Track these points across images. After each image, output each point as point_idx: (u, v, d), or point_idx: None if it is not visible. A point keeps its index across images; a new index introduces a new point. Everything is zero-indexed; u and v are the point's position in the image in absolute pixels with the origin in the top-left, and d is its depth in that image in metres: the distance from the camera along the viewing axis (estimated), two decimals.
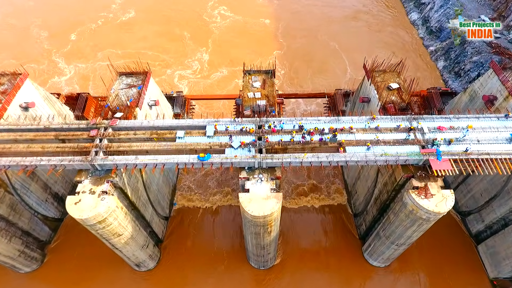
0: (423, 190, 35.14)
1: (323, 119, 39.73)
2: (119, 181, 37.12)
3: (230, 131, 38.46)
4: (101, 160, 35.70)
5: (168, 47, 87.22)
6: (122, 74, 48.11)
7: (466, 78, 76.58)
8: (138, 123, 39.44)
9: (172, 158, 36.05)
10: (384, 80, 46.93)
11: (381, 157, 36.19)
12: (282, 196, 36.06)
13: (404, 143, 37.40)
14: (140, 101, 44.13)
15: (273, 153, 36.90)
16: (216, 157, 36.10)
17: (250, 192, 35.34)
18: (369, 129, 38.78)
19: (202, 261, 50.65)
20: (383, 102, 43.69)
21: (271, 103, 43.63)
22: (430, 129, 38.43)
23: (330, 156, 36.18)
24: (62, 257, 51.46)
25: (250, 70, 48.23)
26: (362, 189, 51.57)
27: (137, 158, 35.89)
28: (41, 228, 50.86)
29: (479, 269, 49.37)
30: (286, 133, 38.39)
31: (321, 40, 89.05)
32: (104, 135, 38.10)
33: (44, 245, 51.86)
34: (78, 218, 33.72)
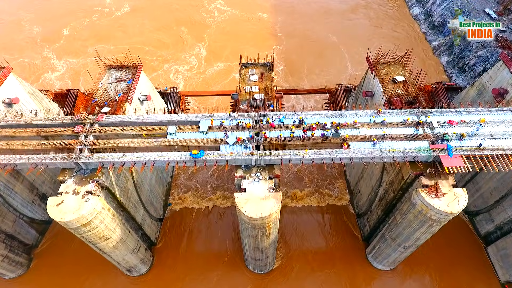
0: (434, 188, 32.59)
1: (325, 113, 37.15)
2: (106, 181, 34.45)
3: (225, 127, 35.86)
4: (85, 158, 33.03)
5: (165, 42, 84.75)
6: (111, 68, 45.45)
7: (471, 73, 74.19)
8: (127, 118, 36.79)
9: (162, 156, 33.41)
10: (389, 72, 44.41)
11: (387, 153, 33.62)
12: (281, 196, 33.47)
13: (412, 139, 34.84)
14: (130, 96, 41.47)
15: (271, 150, 34.31)
16: (210, 154, 33.47)
17: (247, 191, 32.71)
18: (374, 123, 36.21)
19: (197, 265, 48.03)
20: (388, 95, 41.14)
21: (269, 97, 41.03)
22: (439, 123, 35.90)
23: (333, 152, 33.58)
24: (49, 261, 48.77)
25: (247, 63, 45.66)
26: (366, 188, 49.00)
27: (124, 155, 33.21)
28: (26, 231, 48.10)
29: (489, 272, 46.85)
30: (286, 128, 35.79)
31: (320, 34, 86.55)
32: (89, 131, 35.43)
33: (31, 249, 49.12)
34: (60, 220, 31.04)
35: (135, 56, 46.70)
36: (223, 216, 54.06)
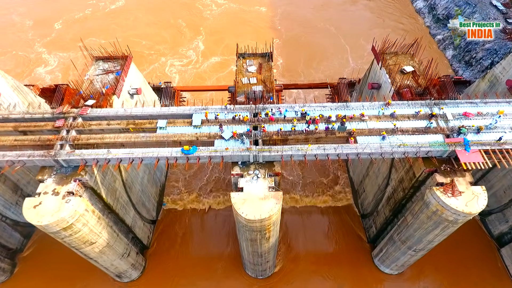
0: (450, 186, 29.63)
1: (329, 105, 34.19)
2: (90, 180, 31.39)
3: (221, 120, 32.83)
4: (66, 154, 29.98)
5: (162, 36, 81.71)
6: (99, 59, 42.38)
7: (479, 67, 71.25)
8: (113, 112, 33.72)
9: (151, 152, 30.36)
10: (397, 63, 41.43)
11: (399, 148, 30.65)
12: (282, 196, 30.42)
13: (425, 132, 31.88)
14: (118, 88, 38.38)
15: (271, 145, 31.32)
16: (203, 150, 30.45)
17: (245, 191, 29.71)
18: (383, 116, 33.25)
19: (193, 270, 44.95)
20: (396, 87, 38.16)
21: (269, 89, 38.02)
22: (454, 115, 32.99)
23: (339, 147, 30.59)
24: (35, 267, 45.60)
25: (244, 53, 42.65)
26: (372, 187, 46.03)
27: (109, 152, 30.16)
28: (10, 234, 44.96)
29: (503, 276, 43.94)
30: (287, 121, 32.78)
31: (320, 27, 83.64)
32: (72, 125, 32.36)
33: (15, 254, 45.96)
34: (37, 224, 28.09)
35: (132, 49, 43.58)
36: (220, 217, 51.01)
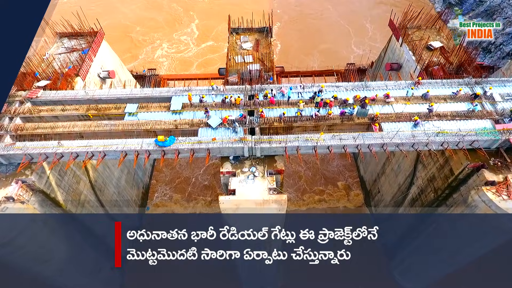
0: (504, 186, 22.84)
1: (344, 85, 27.30)
2: (39, 181, 24.42)
3: (207, 104, 25.88)
4: (3, 148, 22.93)
5: (150, 18, 74.52)
6: (63, 36, 35.33)
7: (499, 54, 64.54)
8: (71, 95, 26.72)
9: (115, 144, 23.37)
10: (421, 38, 34.68)
11: (436, 137, 23.80)
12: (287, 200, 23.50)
13: (468, 117, 25.09)
14: (83, 68, 31.32)
15: (271, 135, 24.41)
16: (183, 141, 23.50)
17: (237, 194, 22.81)
18: (412, 97, 26.39)
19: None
20: (424, 65, 31.34)
21: (267, 68, 31.11)
22: (502, 96, 26.21)
23: (359, 137, 23.70)
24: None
25: (238, 28, 35.82)
26: (389, 187, 39.21)
27: (60, 144, 23.14)
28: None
29: None
30: (291, 104, 25.88)
31: (320, 10, 77.26)
32: (16, 111, 25.33)
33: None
34: None
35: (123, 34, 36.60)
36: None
